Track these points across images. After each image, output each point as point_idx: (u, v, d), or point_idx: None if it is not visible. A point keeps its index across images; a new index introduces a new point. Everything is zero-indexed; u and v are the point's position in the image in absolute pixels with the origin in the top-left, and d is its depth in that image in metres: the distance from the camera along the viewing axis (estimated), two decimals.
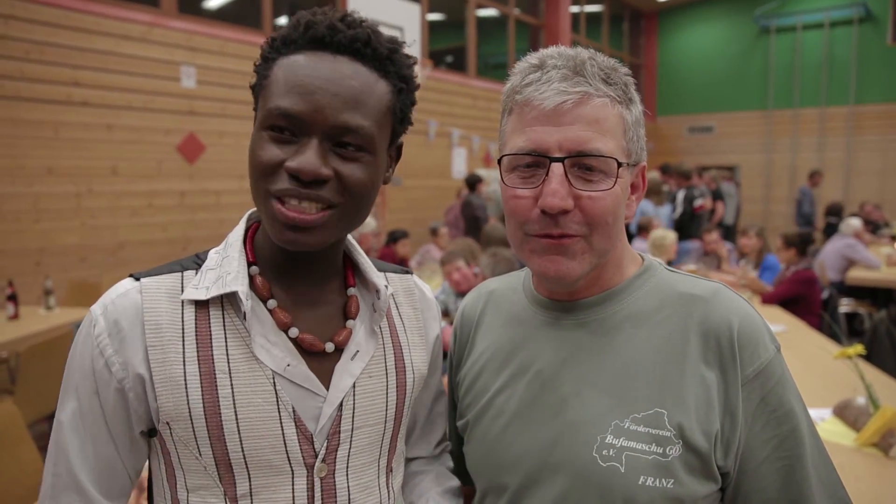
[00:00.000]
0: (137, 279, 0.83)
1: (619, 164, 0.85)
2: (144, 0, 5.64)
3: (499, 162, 0.91)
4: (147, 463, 0.89)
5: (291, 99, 0.76)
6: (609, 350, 0.90)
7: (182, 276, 0.84)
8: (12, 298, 4.08)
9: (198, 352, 0.80)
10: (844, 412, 2.28)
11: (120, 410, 0.80)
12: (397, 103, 0.83)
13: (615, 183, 0.85)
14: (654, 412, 0.84)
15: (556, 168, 0.83)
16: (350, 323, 0.88)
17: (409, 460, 1.07)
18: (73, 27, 5.04)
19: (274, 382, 0.81)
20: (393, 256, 5.98)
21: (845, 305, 6.14)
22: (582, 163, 0.84)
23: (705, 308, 0.88)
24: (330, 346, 0.85)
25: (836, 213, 8.82)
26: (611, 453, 0.84)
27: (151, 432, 0.84)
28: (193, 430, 0.79)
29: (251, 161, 0.79)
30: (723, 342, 0.85)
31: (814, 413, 2.36)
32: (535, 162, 0.85)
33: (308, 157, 0.75)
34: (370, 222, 5.24)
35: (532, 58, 0.89)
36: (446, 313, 3.84)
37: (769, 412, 0.84)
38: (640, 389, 0.86)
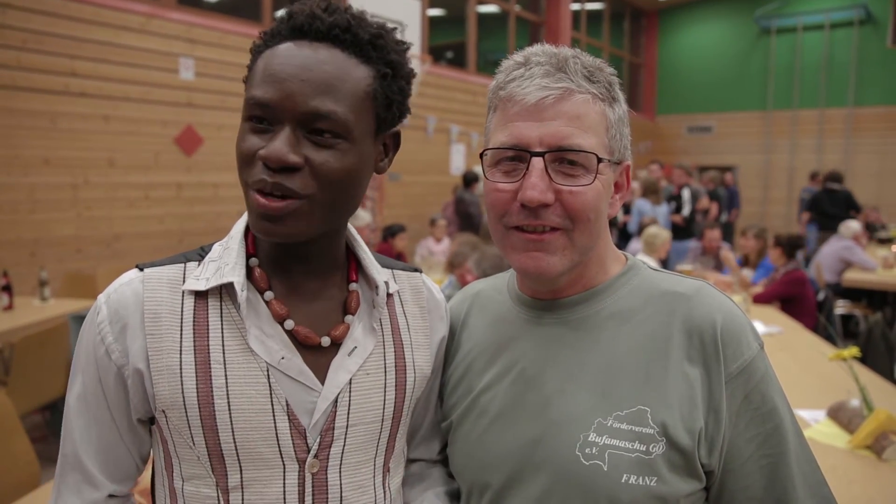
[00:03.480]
0: (142, 269, 0.84)
1: (600, 160, 0.85)
2: None
3: (481, 157, 0.91)
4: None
5: (263, 88, 0.76)
6: (592, 348, 0.90)
7: (185, 268, 0.85)
8: (7, 289, 4.06)
9: (194, 341, 0.80)
10: (838, 414, 2.28)
11: (120, 396, 0.82)
12: (380, 88, 0.81)
13: (595, 178, 0.85)
14: (637, 410, 0.84)
15: (537, 162, 0.84)
16: (348, 318, 0.88)
17: (409, 462, 1.05)
18: (71, 17, 5.01)
19: (268, 375, 0.81)
20: (390, 251, 5.98)
21: (841, 307, 6.16)
22: (563, 157, 0.85)
23: (688, 305, 0.88)
24: (326, 341, 0.85)
25: (836, 179, 8.70)
26: (594, 451, 0.84)
27: (151, 420, 0.85)
28: (187, 419, 0.79)
29: (236, 152, 0.80)
30: (706, 339, 0.85)
31: (807, 414, 2.36)
32: (517, 156, 0.86)
33: (276, 144, 0.75)
34: (364, 216, 5.21)
35: (517, 55, 0.90)
36: None
37: (753, 409, 0.85)
38: (623, 387, 0.86)
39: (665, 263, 5.05)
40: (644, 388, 0.85)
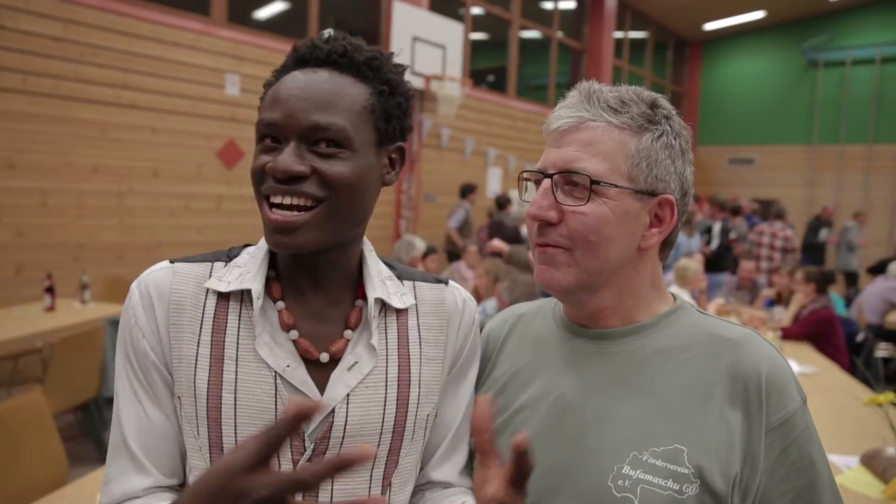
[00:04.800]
0: (173, 262, 0.91)
1: (596, 182, 0.87)
2: (196, 9, 5.82)
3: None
4: None
5: (271, 111, 0.83)
6: (634, 382, 0.90)
7: (212, 267, 0.91)
8: (50, 290, 4.20)
9: (212, 336, 0.86)
10: (872, 462, 2.20)
11: (154, 377, 0.86)
12: (377, 103, 0.87)
13: (589, 200, 0.87)
14: (673, 448, 0.83)
15: (545, 182, 0.90)
16: (348, 333, 0.90)
17: (432, 484, 1.01)
18: (127, 33, 5.22)
19: (275, 377, 0.85)
20: None
21: (883, 350, 5.94)
22: (568, 179, 0.89)
23: (736, 352, 0.88)
24: (324, 357, 0.87)
25: None
26: (626, 484, 0.83)
27: None
28: (196, 409, 0.84)
29: (250, 173, 0.86)
30: (750, 387, 0.85)
31: (840, 460, 2.28)
32: (539, 180, 0.93)
33: (282, 157, 0.81)
34: (418, 245, 5.19)
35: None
36: None
37: (790, 463, 0.84)
38: (662, 424, 0.85)
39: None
40: (683, 427, 0.85)
